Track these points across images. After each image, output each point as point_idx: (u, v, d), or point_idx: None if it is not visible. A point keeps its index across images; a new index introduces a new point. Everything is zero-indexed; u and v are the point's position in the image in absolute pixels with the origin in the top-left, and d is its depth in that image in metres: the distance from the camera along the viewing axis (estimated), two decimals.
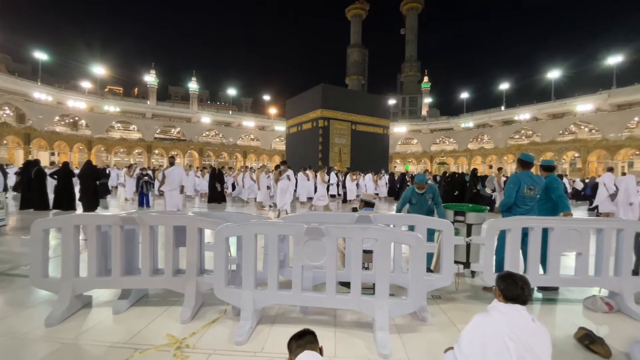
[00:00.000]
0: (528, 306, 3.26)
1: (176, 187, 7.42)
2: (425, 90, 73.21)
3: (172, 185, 7.38)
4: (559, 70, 43.37)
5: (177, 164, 8.09)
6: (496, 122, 47.17)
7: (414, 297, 2.54)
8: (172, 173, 7.42)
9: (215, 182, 12.01)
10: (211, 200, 12.06)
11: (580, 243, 3.11)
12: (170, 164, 7.67)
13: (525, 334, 1.55)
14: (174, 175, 7.42)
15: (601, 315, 3.08)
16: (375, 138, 25.54)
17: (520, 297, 1.63)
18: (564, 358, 2.35)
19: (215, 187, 12.00)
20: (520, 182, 3.54)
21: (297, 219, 3.29)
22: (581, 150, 34.75)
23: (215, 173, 12.31)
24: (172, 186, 7.37)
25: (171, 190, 7.38)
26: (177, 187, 7.44)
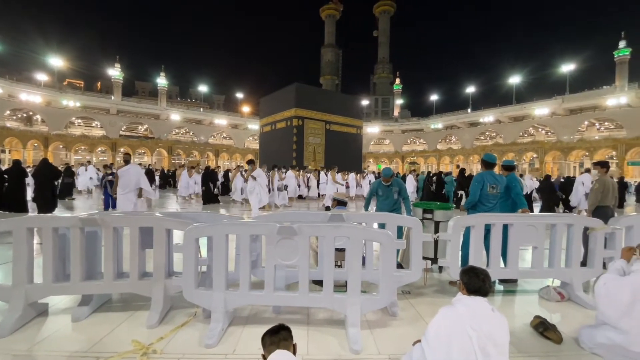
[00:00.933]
0: (490, 297, 3.47)
1: (132, 190, 6.20)
2: (397, 91, 75.03)
3: (126, 187, 6.16)
4: (519, 76, 46.22)
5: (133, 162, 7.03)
6: (463, 124, 49.35)
7: (385, 293, 2.61)
8: (127, 173, 6.19)
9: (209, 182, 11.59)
10: (206, 202, 11.60)
11: (536, 238, 3.34)
12: (125, 162, 6.42)
13: (486, 324, 1.65)
14: (129, 175, 6.20)
15: (554, 304, 3.33)
16: (349, 138, 25.86)
17: (482, 289, 1.72)
18: (522, 344, 2.51)
19: (209, 187, 11.56)
20: (484, 181, 3.75)
21: (270, 218, 3.27)
22: (539, 151, 37.29)
23: (209, 173, 11.88)
24: (125, 188, 6.15)
25: (125, 193, 6.14)
26: (133, 190, 6.23)
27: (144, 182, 6.34)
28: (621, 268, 2.48)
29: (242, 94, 56.46)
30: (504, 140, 43.22)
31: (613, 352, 2.27)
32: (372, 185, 4.70)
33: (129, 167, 6.30)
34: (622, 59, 37.87)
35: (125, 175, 6.19)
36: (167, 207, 11.41)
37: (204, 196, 11.69)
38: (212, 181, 11.81)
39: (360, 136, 27.39)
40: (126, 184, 6.16)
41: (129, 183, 6.17)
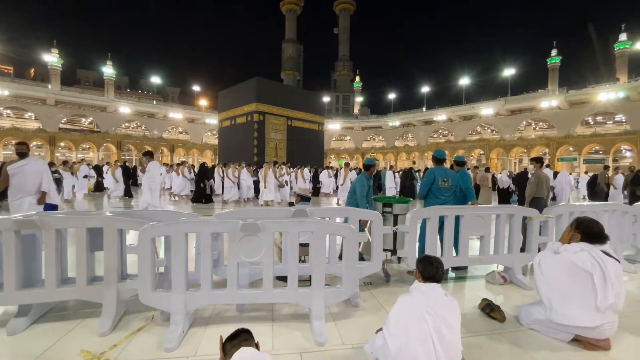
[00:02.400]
0: (444, 284, 3.72)
1: (31, 194, 4.33)
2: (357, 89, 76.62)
3: (22, 190, 4.26)
4: (468, 78, 49.60)
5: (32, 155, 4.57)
6: (419, 122, 51.86)
7: (348, 285, 2.69)
8: (23, 172, 4.26)
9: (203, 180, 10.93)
10: (196, 200, 10.92)
11: (483, 227, 3.65)
12: (19, 155, 4.35)
13: (440, 308, 1.78)
14: (25, 175, 4.27)
15: (499, 287, 3.67)
16: (311, 134, 25.94)
17: (436, 276, 1.85)
18: (471, 325, 2.74)
19: (202, 185, 10.91)
20: (434, 176, 4.01)
21: (232, 215, 3.20)
22: (485, 148, 40.47)
23: (203, 171, 11.22)
24: (21, 192, 4.26)
25: (18, 199, 4.25)
26: (34, 194, 4.36)
27: (46, 183, 4.44)
28: (556, 249, 2.77)
29: (199, 86, 53.94)
30: (455, 138, 46.22)
31: (546, 326, 2.57)
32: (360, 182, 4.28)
33: (24, 163, 4.29)
34: (553, 66, 42.32)
35: (21, 174, 4.24)
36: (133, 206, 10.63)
37: (196, 195, 11.09)
38: (207, 179, 11.28)
39: (321, 132, 27.60)
40: (20, 185, 4.24)
41: (24, 185, 4.26)
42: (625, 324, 2.71)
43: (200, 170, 11.26)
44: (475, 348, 2.40)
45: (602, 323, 2.34)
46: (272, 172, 10.56)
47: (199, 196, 11.06)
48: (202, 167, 11.48)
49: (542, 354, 2.33)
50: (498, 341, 2.51)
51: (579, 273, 2.40)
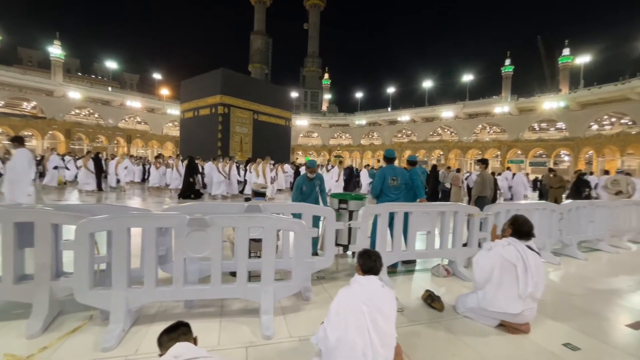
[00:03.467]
0: (394, 277, 3.90)
1: None
2: (326, 86, 76.95)
3: None
4: (431, 81, 51.84)
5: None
6: (384, 122, 53.34)
7: (298, 279, 2.75)
8: None
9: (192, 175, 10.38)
10: (183, 196, 10.27)
11: (430, 223, 3.88)
12: None
13: (377, 299, 1.88)
14: None
15: (442, 279, 3.94)
16: (278, 129, 25.70)
17: (374, 268, 1.96)
18: (413, 315, 2.92)
19: (190, 180, 10.32)
20: (385, 175, 4.19)
21: (180, 210, 3.11)
22: (444, 149, 42.70)
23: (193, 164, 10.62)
24: None
25: None
26: None
27: None
28: (490, 247, 3.04)
29: (160, 75, 51.10)
30: (418, 138, 48.21)
31: (477, 314, 2.81)
32: (297, 182, 4.49)
33: None
34: (507, 75, 45.50)
35: None
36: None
37: (184, 189, 10.50)
38: (196, 174, 10.75)
39: (289, 128, 27.44)
40: None
41: None
42: (546, 310, 3.05)
43: (190, 165, 10.80)
44: (414, 336, 2.56)
45: (523, 309, 2.61)
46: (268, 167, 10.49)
47: (187, 191, 10.62)
48: (191, 161, 11.01)
49: (472, 339, 2.55)
50: (435, 329, 2.70)
51: (506, 265, 2.65)
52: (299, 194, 4.49)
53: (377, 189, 4.26)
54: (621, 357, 2.39)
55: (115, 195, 10.93)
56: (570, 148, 34.80)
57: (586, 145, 33.66)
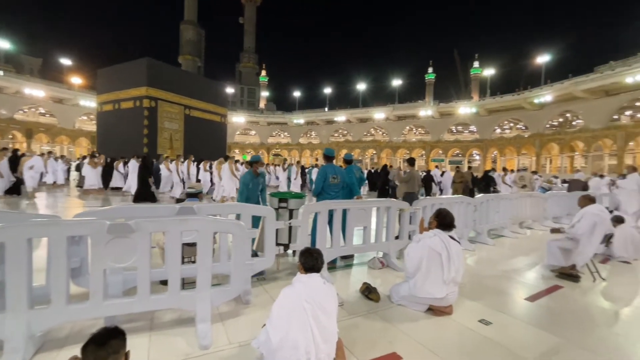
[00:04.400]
0: (332, 272, 4.00)
1: None
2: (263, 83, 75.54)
3: None
4: (365, 83, 54.64)
5: None
6: (321, 121, 54.49)
7: (237, 282, 2.64)
8: None
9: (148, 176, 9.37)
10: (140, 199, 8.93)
11: (366, 219, 4.07)
12: None
13: (318, 295, 1.91)
14: None
15: (378, 271, 4.17)
16: (213, 126, 24.41)
17: (315, 266, 1.98)
18: (352, 307, 3.03)
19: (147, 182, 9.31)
20: (326, 173, 4.28)
21: (100, 214, 2.74)
22: (377, 148, 45.44)
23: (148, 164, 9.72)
24: None
25: None
26: None
27: None
28: (418, 239, 3.31)
29: (69, 60, 44.36)
30: (353, 138, 50.41)
31: (409, 301, 3.05)
32: (244, 179, 4.39)
33: None
34: (430, 81, 50.40)
35: None
36: None
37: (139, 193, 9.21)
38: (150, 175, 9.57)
39: (224, 125, 26.27)
40: None
41: None
42: (465, 291, 3.44)
43: (145, 165, 9.70)
44: (353, 328, 2.67)
45: (447, 293, 2.91)
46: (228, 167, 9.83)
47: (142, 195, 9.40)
48: (145, 160, 9.89)
49: (405, 325, 2.75)
50: (372, 319, 2.85)
51: (433, 255, 2.92)
52: (245, 190, 4.36)
53: (318, 187, 4.32)
54: (521, 326, 2.83)
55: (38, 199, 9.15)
56: (480, 148, 40.04)
57: (492, 146, 39.11)
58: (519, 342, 2.52)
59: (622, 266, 4.80)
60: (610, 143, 29.49)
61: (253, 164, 4.43)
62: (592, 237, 4.07)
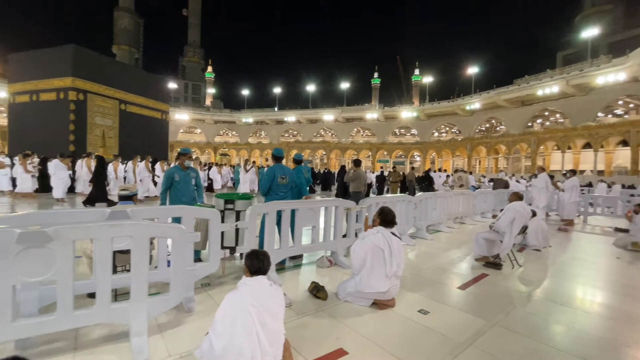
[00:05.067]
0: (281, 273, 3.97)
1: None
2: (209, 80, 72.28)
3: None
4: (315, 84, 55.30)
5: None
6: (271, 121, 53.85)
7: (177, 290, 2.48)
8: None
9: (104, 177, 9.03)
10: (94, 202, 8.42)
11: (314, 219, 4.12)
12: None
13: (265, 298, 1.88)
14: None
15: (326, 269, 4.25)
16: (153, 122, 22.68)
17: (262, 268, 1.95)
18: (300, 307, 3.04)
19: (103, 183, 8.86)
20: (274, 173, 4.25)
21: (11, 221, 2.37)
22: (326, 149, 46.27)
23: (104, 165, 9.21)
24: None
25: None
26: None
27: None
28: (363, 236, 3.43)
29: None
30: (303, 139, 50.68)
31: (355, 297, 3.16)
32: (168, 172, 4.21)
33: None
34: (375, 86, 52.81)
35: None
36: None
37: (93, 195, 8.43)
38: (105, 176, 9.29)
39: (166, 122, 24.57)
40: None
41: None
42: (406, 284, 3.67)
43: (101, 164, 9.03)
44: (301, 327, 2.68)
45: (390, 287, 3.07)
46: None
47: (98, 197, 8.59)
48: (101, 160, 9.07)
49: (351, 320, 2.84)
50: (320, 317, 2.89)
51: (377, 251, 3.06)
52: (168, 184, 4.18)
53: (265, 187, 4.26)
54: (454, 313, 3.10)
55: None
56: (420, 150, 43.09)
57: (430, 148, 42.34)
58: (453, 328, 2.77)
59: (534, 254, 5.53)
60: (526, 147, 33.79)
61: (180, 156, 4.23)
62: (512, 229, 4.62)
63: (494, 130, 41.40)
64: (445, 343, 2.52)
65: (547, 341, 2.64)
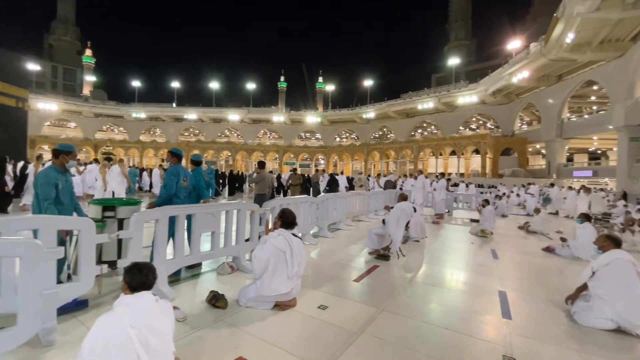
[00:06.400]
0: (176, 285, 3.61)
1: None
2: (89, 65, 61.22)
3: None
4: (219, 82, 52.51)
5: None
6: (168, 118, 48.78)
7: (28, 322, 1.99)
8: None
9: None
10: None
11: (214, 223, 3.89)
12: None
13: (147, 317, 1.66)
14: None
15: (227, 276, 4.05)
16: (4, 111, 17.75)
17: (145, 283, 1.73)
18: (198, 319, 2.82)
19: None
20: (179, 174, 3.83)
21: None
22: (232, 150, 44.48)
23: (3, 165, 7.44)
24: None
25: None
26: None
27: None
28: (265, 240, 3.38)
29: None
30: (206, 138, 47.51)
31: (257, 301, 3.10)
32: (45, 177, 2.99)
33: None
34: (282, 89, 53.51)
35: None
36: None
37: None
38: None
39: (24, 111, 19.61)
40: None
41: None
42: (307, 283, 3.79)
43: None
44: (197, 341, 2.48)
45: (291, 287, 3.12)
46: None
47: None
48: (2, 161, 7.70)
49: (251, 326, 2.77)
50: (219, 328, 2.73)
51: (278, 253, 3.07)
52: (50, 192, 2.94)
53: (172, 189, 3.78)
54: (350, 304, 3.36)
55: None
56: (324, 154, 45.61)
57: (333, 152, 45.25)
58: (348, 318, 2.99)
59: (414, 244, 6.46)
60: (410, 153, 39.36)
61: (60, 154, 3.15)
62: (399, 225, 5.29)
63: (385, 138, 46.94)
64: (341, 334, 2.70)
65: (424, 318, 3.11)
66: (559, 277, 4.79)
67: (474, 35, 76.43)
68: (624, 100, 23.41)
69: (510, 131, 37.70)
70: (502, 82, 34.12)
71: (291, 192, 8.91)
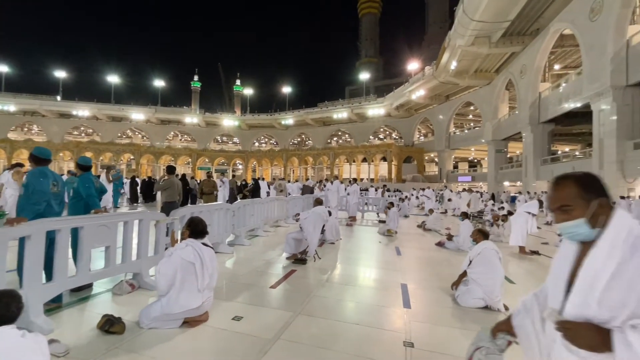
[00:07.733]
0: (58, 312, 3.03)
1: None
2: None
3: None
4: (119, 76, 46.11)
5: None
6: (51, 113, 40.69)
7: None
8: None
9: None
10: None
11: (109, 237, 3.39)
12: None
13: (7, 357, 1.35)
14: None
15: (126, 296, 3.55)
16: None
17: (5, 316, 1.40)
18: (86, 351, 2.40)
19: None
20: (48, 177, 3.15)
21: None
22: (135, 153, 39.49)
23: None
24: None
25: None
26: None
27: None
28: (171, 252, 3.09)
29: None
30: (102, 139, 41.15)
31: (162, 320, 2.80)
32: None
33: None
34: (195, 89, 50.14)
35: None
36: None
37: None
38: None
39: None
40: None
41: None
42: (221, 294, 3.61)
43: None
44: None
45: (203, 301, 2.92)
46: None
47: None
48: None
49: (155, 349, 2.49)
50: (115, 356, 2.38)
51: (186, 266, 2.84)
52: None
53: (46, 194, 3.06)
54: (266, 312, 3.32)
55: None
56: (242, 159, 44.25)
57: (252, 157, 44.30)
58: (263, 327, 2.94)
59: (330, 246, 6.76)
60: (327, 159, 41.19)
61: None
62: (315, 229, 5.46)
63: (304, 144, 48.15)
64: (257, 343, 2.64)
65: (337, 317, 3.27)
66: (448, 267, 5.61)
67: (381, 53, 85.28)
68: (491, 120, 29.41)
69: (411, 141, 43.03)
70: (404, 98, 38.82)
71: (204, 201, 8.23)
